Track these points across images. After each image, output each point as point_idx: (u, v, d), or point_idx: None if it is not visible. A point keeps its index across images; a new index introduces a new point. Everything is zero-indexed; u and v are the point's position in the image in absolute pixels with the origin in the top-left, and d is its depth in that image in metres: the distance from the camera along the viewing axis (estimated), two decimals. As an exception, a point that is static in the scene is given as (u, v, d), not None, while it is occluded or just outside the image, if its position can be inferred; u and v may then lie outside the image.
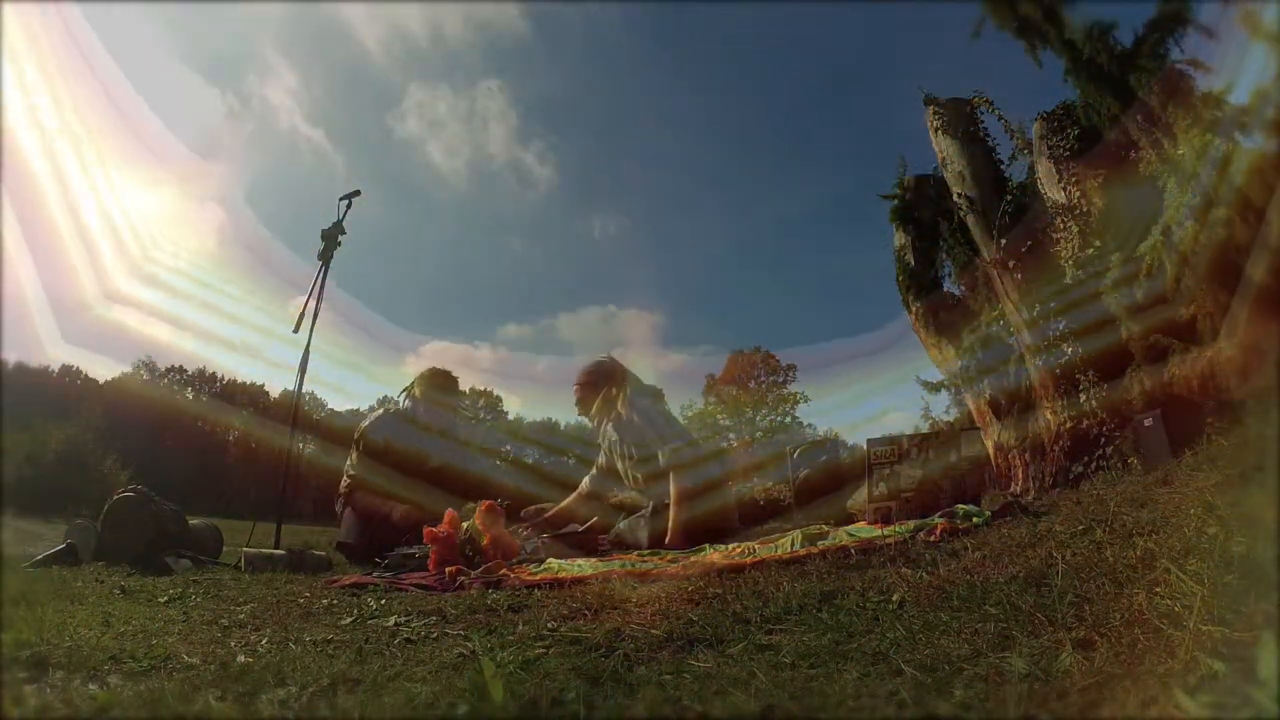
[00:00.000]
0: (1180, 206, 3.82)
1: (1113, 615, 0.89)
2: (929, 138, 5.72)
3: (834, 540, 2.03)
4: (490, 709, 0.73)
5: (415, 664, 1.00)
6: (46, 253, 14.68)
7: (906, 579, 1.31)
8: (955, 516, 2.11)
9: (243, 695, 0.82)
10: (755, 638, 1.04)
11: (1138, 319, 4.16)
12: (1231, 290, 3.62)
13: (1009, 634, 0.90)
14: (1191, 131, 3.84)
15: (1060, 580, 1.11)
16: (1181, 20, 4.19)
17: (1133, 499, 1.93)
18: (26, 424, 10.08)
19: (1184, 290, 3.87)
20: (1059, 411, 4.61)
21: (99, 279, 19.01)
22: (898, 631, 0.98)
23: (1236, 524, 1.16)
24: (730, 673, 0.86)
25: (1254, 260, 3.47)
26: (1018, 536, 1.64)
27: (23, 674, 0.89)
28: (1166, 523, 1.40)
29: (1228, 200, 3.59)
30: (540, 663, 0.97)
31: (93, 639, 1.10)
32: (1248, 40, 3.84)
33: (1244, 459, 2.13)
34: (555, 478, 5.19)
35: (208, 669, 0.96)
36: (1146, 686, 0.66)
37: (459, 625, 1.32)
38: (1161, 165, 4.04)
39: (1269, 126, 3.57)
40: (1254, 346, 3.39)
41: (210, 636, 1.22)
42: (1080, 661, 0.77)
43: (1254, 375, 3.32)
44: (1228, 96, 3.89)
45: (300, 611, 1.52)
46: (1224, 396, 3.51)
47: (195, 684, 0.87)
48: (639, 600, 1.42)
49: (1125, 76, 4.29)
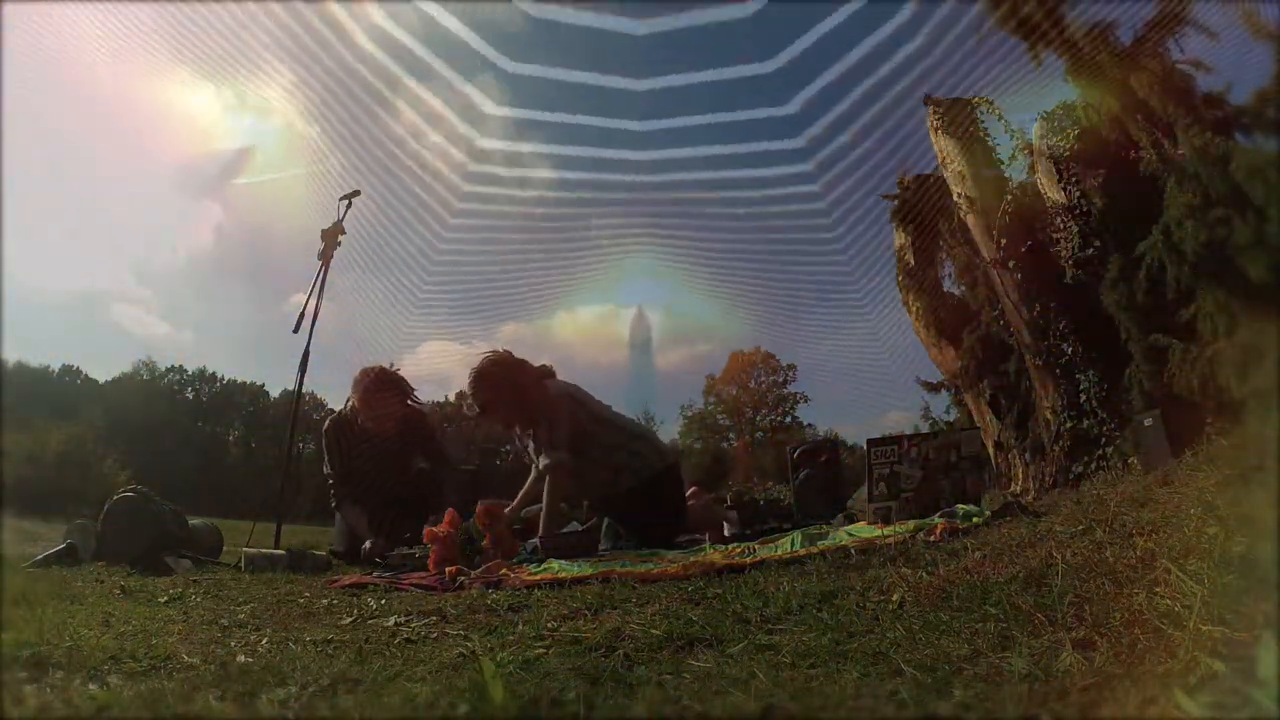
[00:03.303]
0: (1180, 206, 3.82)
1: (1113, 615, 0.89)
2: (929, 138, 5.73)
3: (834, 540, 2.03)
4: (490, 709, 0.73)
5: (415, 664, 1.00)
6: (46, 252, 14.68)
7: (906, 579, 1.31)
8: (955, 516, 2.11)
9: (243, 695, 0.82)
10: (755, 638, 1.04)
11: (1138, 319, 4.16)
12: (1231, 290, 3.62)
13: (1009, 634, 0.90)
14: (1191, 131, 3.84)
15: (1060, 580, 1.11)
16: (1181, 20, 4.19)
17: (1133, 499, 1.93)
18: (26, 424, 10.08)
19: (1183, 289, 3.87)
20: (1059, 411, 4.61)
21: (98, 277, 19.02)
22: (898, 631, 0.98)
23: (1236, 524, 1.16)
24: (730, 673, 0.86)
25: (1253, 260, 3.47)
26: (1018, 536, 1.64)
27: (23, 674, 0.89)
28: (1166, 523, 1.40)
29: (1226, 200, 3.59)
30: (540, 663, 0.97)
31: (93, 639, 1.10)
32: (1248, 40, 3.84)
33: (1244, 459, 2.13)
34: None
35: (208, 669, 0.96)
36: (1146, 686, 0.66)
37: (459, 625, 1.32)
38: (1161, 165, 4.04)
39: (1269, 126, 3.57)
40: (1254, 346, 3.39)
41: (210, 636, 1.22)
42: (1080, 661, 0.77)
43: (1254, 375, 3.32)
44: (1227, 96, 3.90)
45: (300, 611, 1.52)
46: (1224, 396, 3.51)
47: (195, 684, 0.87)
48: (639, 600, 1.43)
49: (1125, 77, 4.29)
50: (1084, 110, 4.58)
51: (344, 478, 3.32)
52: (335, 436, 3.38)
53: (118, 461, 11.73)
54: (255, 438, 36.94)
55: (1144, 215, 4.12)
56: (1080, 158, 4.54)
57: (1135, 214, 4.19)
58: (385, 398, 3.37)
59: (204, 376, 38.55)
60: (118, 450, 12.99)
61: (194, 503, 6.05)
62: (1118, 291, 4.24)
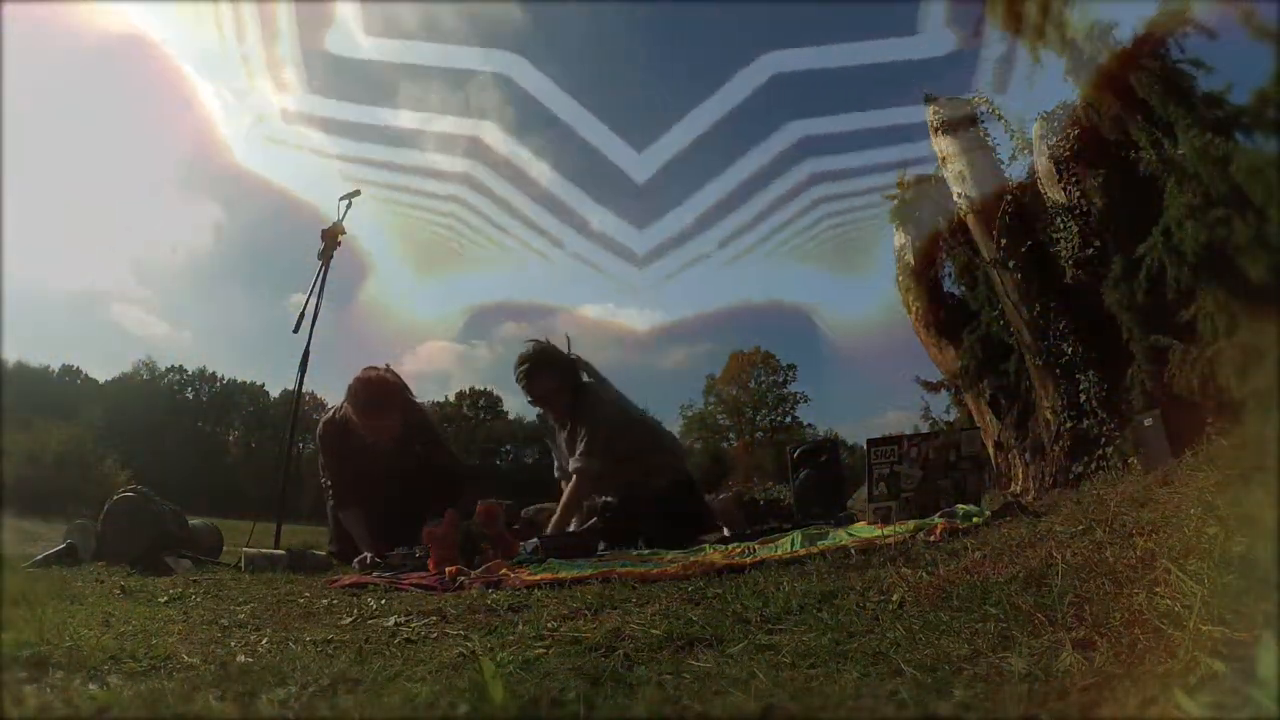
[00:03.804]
0: (1180, 206, 3.82)
1: (1113, 615, 0.89)
2: (929, 137, 5.73)
3: (834, 540, 2.03)
4: (490, 709, 0.72)
5: (415, 664, 1.00)
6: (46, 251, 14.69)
7: (906, 579, 1.31)
8: (955, 516, 2.11)
9: (243, 695, 0.82)
10: (755, 638, 1.04)
11: (1137, 318, 4.16)
12: (1231, 290, 3.62)
13: (1009, 634, 0.90)
14: (1191, 131, 3.84)
15: (1060, 580, 1.10)
16: (1181, 20, 4.19)
17: (1133, 499, 1.93)
18: (26, 424, 10.09)
19: (1183, 290, 3.87)
20: (1059, 411, 4.61)
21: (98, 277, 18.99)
22: (898, 631, 0.97)
23: (1236, 524, 1.16)
24: (730, 673, 0.86)
25: (1253, 260, 3.47)
26: (1018, 536, 1.64)
27: (23, 674, 0.89)
28: (1166, 523, 1.40)
29: (1227, 200, 3.59)
30: (540, 663, 0.96)
31: (93, 639, 1.10)
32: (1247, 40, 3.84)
33: (1244, 459, 2.13)
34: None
35: (208, 669, 0.96)
36: (1146, 686, 0.66)
37: (459, 625, 1.32)
38: (1161, 165, 4.04)
39: (1269, 126, 3.57)
40: (1254, 346, 3.39)
41: (210, 636, 1.22)
42: (1080, 661, 0.77)
43: (1254, 375, 3.32)
44: (1228, 96, 3.90)
45: (300, 611, 1.52)
46: (1224, 396, 3.51)
47: (195, 684, 0.86)
48: (639, 600, 1.43)
49: (1126, 76, 4.29)
50: (1084, 110, 4.58)
51: (341, 483, 3.24)
52: (330, 443, 3.28)
53: (118, 461, 11.73)
54: (255, 438, 36.94)
55: (1144, 215, 4.12)
56: (1080, 158, 4.54)
57: (1135, 214, 4.19)
58: (381, 412, 3.21)
59: (204, 376, 38.60)
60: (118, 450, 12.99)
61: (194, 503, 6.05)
62: (1118, 292, 4.24)
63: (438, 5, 36.78)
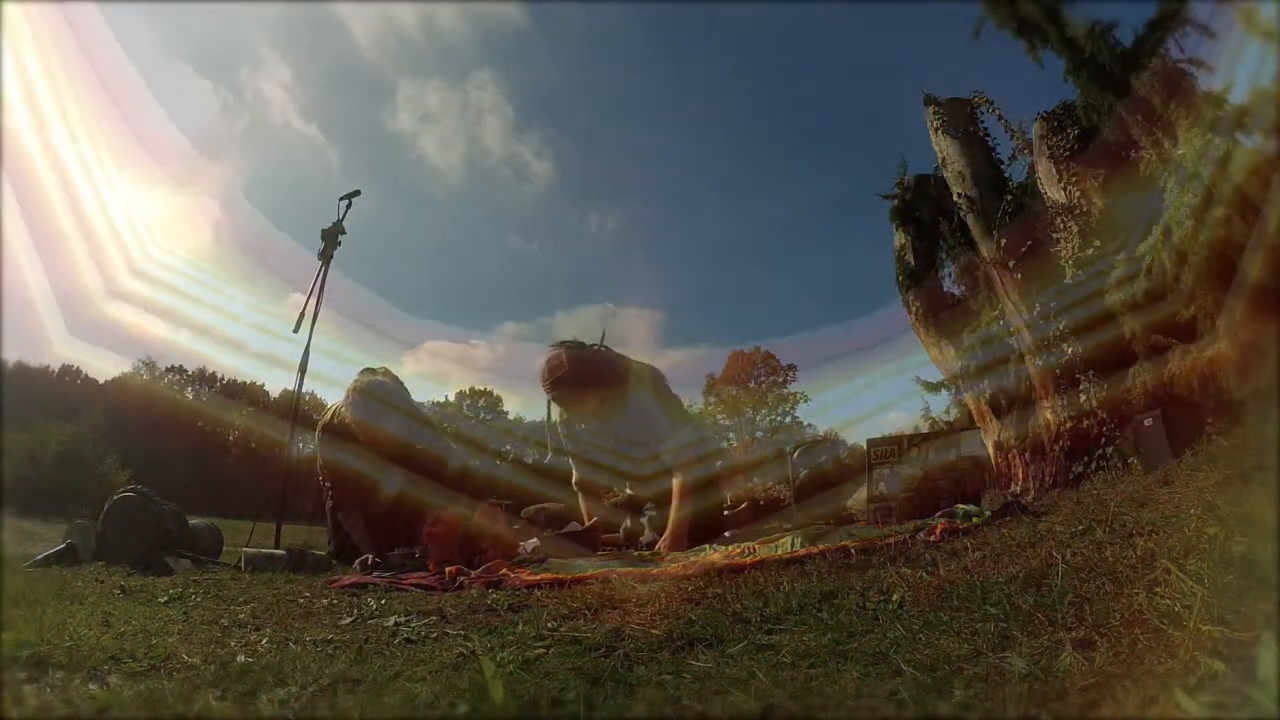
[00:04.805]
0: (1180, 206, 3.82)
1: (1113, 615, 0.89)
2: (929, 137, 5.73)
3: (834, 540, 2.03)
4: (490, 709, 0.72)
5: (415, 664, 1.00)
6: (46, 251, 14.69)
7: (906, 579, 1.31)
8: (955, 516, 2.11)
9: (243, 695, 0.82)
10: (755, 638, 1.04)
11: (1138, 318, 4.16)
12: (1231, 289, 3.61)
13: (1009, 634, 0.90)
14: (1191, 131, 3.84)
15: (1060, 580, 1.10)
16: (1181, 20, 4.19)
17: (1133, 499, 1.93)
18: (26, 424, 10.08)
19: (1184, 289, 3.87)
20: (1059, 411, 4.61)
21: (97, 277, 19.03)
22: (898, 631, 0.98)
23: (1236, 524, 1.16)
24: (730, 673, 0.86)
25: (1252, 259, 3.47)
26: (1018, 536, 1.64)
27: (23, 674, 0.89)
28: (1166, 523, 1.40)
29: (1227, 200, 3.59)
30: (540, 663, 0.97)
31: (93, 639, 1.10)
32: (1247, 39, 3.84)
33: (1244, 459, 2.13)
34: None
35: (208, 669, 0.96)
36: (1146, 686, 0.66)
37: (459, 625, 1.32)
38: (1161, 165, 4.04)
39: (1269, 126, 3.57)
40: (1253, 346, 3.39)
41: (210, 636, 1.22)
42: (1080, 661, 0.77)
43: (1254, 375, 3.32)
44: (1228, 96, 3.89)
45: (300, 611, 1.52)
46: (1224, 396, 3.51)
47: (195, 684, 0.87)
48: (639, 600, 1.42)
49: (1126, 76, 4.29)
50: (1084, 110, 4.58)
51: (340, 483, 3.26)
52: (330, 443, 3.31)
53: (118, 461, 11.71)
54: (255, 438, 36.90)
55: (1144, 215, 4.12)
56: (1080, 158, 4.53)
57: (1135, 214, 4.18)
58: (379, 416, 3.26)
59: (204, 376, 38.53)
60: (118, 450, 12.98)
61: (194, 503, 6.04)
62: (1118, 292, 4.24)
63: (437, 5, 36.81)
